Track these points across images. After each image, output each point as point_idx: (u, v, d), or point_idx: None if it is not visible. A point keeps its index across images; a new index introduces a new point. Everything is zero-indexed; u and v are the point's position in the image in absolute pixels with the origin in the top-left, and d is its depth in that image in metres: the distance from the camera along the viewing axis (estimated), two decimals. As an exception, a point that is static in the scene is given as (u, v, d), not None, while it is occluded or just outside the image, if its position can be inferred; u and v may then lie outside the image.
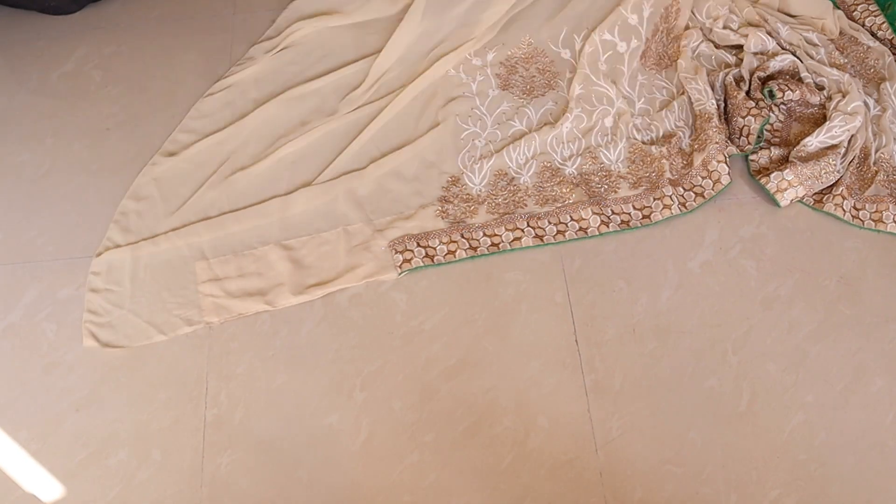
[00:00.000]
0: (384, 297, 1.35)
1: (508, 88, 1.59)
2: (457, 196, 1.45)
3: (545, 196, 1.44)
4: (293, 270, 1.36)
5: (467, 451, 1.20)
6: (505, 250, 1.38)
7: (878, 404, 1.22)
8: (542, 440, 1.21)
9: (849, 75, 1.51)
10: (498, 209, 1.43)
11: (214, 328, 1.31)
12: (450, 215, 1.42)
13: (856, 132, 1.46)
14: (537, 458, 1.19)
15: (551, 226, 1.40)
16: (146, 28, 1.69)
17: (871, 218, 1.40)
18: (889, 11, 1.66)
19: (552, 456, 1.19)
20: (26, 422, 1.23)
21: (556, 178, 1.47)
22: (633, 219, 1.41)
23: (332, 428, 1.23)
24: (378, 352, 1.30)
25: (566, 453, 1.20)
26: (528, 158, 1.49)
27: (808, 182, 1.40)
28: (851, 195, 1.41)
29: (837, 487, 1.16)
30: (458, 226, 1.41)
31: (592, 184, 1.46)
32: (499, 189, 1.46)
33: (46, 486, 1.18)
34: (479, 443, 1.21)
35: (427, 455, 1.20)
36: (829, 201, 1.41)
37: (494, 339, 1.30)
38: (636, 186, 1.45)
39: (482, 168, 1.48)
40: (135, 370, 1.28)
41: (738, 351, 1.28)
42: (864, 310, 1.32)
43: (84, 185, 1.47)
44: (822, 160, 1.40)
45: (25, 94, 1.61)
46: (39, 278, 1.37)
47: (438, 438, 1.22)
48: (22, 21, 1.71)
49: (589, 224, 1.40)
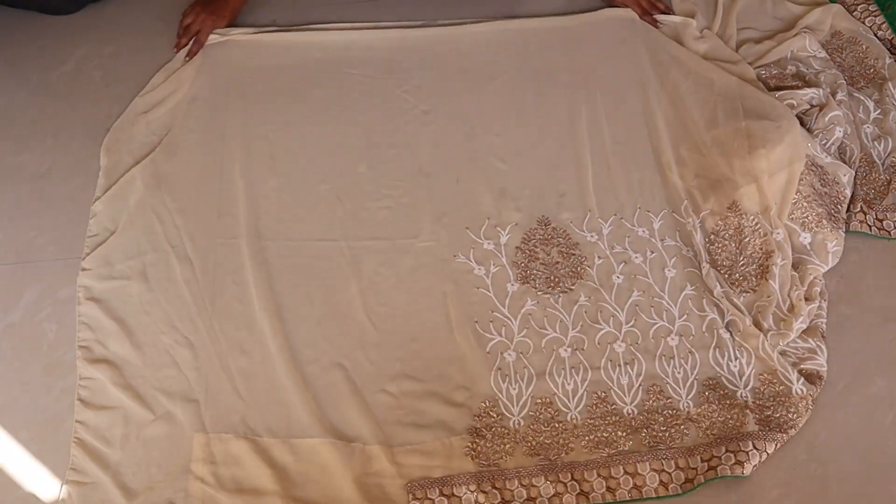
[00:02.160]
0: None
1: (528, 282, 1.32)
2: (491, 429, 1.17)
3: (597, 438, 1.17)
4: (290, 478, 1.14)
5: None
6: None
7: (878, 404, 1.22)
8: (543, 440, 1.20)
9: (824, 88, 1.47)
10: (538, 451, 1.16)
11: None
12: (481, 455, 1.15)
13: (843, 144, 1.43)
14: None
15: (599, 479, 1.13)
16: (146, 28, 1.69)
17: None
18: (889, 11, 1.66)
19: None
20: (26, 422, 1.23)
21: (612, 416, 1.19)
22: (698, 473, 1.14)
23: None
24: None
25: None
26: (578, 385, 1.22)
27: (835, 218, 1.35)
28: (871, 208, 1.39)
29: (837, 487, 1.16)
30: (489, 471, 1.14)
31: (655, 427, 1.19)
32: (541, 424, 1.18)
33: (46, 486, 1.17)
34: (480, 443, 1.21)
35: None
36: (851, 220, 1.37)
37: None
38: (707, 433, 1.18)
39: (521, 394, 1.21)
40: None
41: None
42: (864, 310, 1.31)
43: (84, 185, 1.47)
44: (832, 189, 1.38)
45: (25, 94, 1.61)
46: (39, 278, 1.37)
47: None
48: (22, 21, 1.71)
49: (645, 482, 1.14)
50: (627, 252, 1.34)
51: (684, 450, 1.16)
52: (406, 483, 1.13)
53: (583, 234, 1.36)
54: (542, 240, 1.35)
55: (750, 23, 1.67)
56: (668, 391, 1.22)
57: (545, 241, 1.35)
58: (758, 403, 1.20)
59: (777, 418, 1.17)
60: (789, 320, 1.25)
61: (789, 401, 1.18)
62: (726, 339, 1.26)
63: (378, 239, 1.36)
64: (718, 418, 1.19)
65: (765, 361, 1.23)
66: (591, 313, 1.28)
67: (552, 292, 1.30)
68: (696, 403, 1.20)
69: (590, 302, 1.29)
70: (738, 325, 1.26)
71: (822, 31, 1.63)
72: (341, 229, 1.37)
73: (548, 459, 1.15)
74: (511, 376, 1.22)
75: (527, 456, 1.16)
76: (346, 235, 1.36)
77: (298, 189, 1.42)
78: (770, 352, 1.22)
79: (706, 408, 1.20)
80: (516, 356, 1.24)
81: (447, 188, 1.42)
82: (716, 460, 1.14)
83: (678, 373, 1.23)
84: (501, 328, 1.27)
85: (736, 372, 1.23)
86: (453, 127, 1.49)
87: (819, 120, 1.44)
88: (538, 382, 1.22)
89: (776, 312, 1.27)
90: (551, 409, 1.20)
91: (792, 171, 1.34)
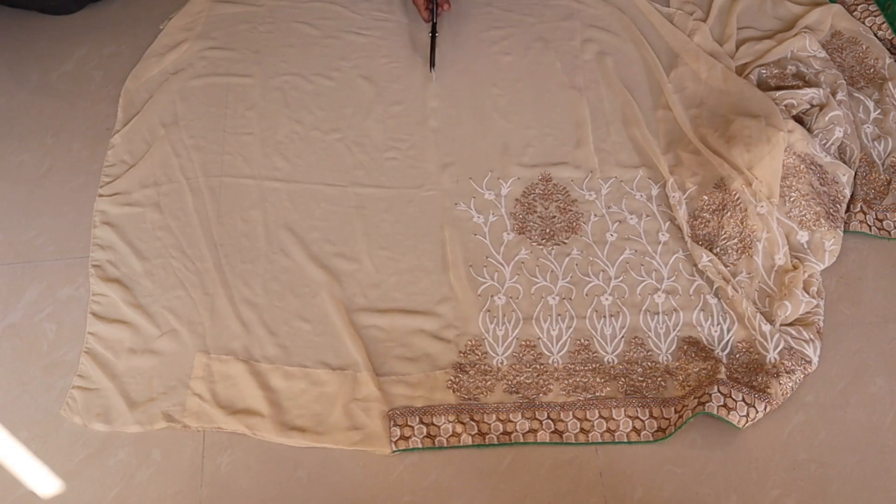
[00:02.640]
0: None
1: (524, 233, 1.37)
2: (475, 366, 1.24)
3: (575, 382, 1.23)
4: (280, 403, 1.21)
5: (467, 450, 1.20)
6: (517, 442, 1.18)
7: (878, 404, 1.22)
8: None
9: (824, 88, 1.47)
10: (518, 389, 1.22)
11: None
12: (462, 388, 1.22)
13: (843, 144, 1.43)
14: (537, 457, 1.19)
15: (574, 420, 1.19)
16: (146, 28, 1.69)
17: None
18: (889, 11, 1.66)
19: (552, 455, 1.19)
20: (26, 422, 1.23)
21: (593, 363, 1.24)
22: (671, 423, 1.18)
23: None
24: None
25: (566, 453, 1.19)
26: (563, 331, 1.28)
27: (833, 217, 1.35)
28: (871, 208, 1.39)
29: (837, 487, 1.16)
30: (469, 404, 1.21)
31: (633, 377, 1.23)
32: (523, 364, 1.24)
33: (47, 486, 1.18)
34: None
35: (427, 455, 1.20)
36: (851, 220, 1.37)
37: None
38: (684, 385, 1.22)
39: (507, 335, 1.27)
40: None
41: (738, 351, 1.28)
42: (864, 310, 1.31)
43: (84, 185, 1.47)
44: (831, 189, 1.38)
45: (25, 94, 1.61)
46: (39, 278, 1.37)
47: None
48: (22, 21, 1.71)
49: (619, 427, 1.18)
50: (623, 213, 1.39)
51: (660, 400, 1.20)
52: (388, 410, 1.20)
53: (582, 192, 1.42)
54: (541, 194, 1.41)
55: (750, 23, 1.68)
56: (650, 344, 1.26)
57: (545, 195, 1.41)
58: (732, 367, 1.23)
59: (747, 382, 1.20)
60: (777, 297, 1.27)
61: (762, 369, 1.20)
62: (712, 305, 1.29)
63: (384, 187, 1.44)
64: (694, 370, 1.22)
65: (747, 330, 1.25)
66: (582, 266, 1.34)
67: (546, 244, 1.36)
68: (675, 357, 1.25)
69: (582, 256, 1.35)
70: (726, 292, 1.28)
71: (821, 31, 1.63)
72: (350, 176, 1.45)
73: (526, 398, 1.21)
74: (499, 318, 1.29)
75: (506, 393, 1.22)
76: (353, 182, 1.44)
77: (310, 136, 1.50)
78: (753, 320, 1.24)
79: (683, 361, 1.24)
80: (506, 300, 1.30)
81: (452, 142, 1.49)
82: (706, 397, 1.15)
83: (661, 328, 1.27)
84: (494, 273, 1.33)
85: (716, 337, 1.26)
86: (459, 85, 1.57)
87: (819, 119, 1.44)
88: (524, 326, 1.28)
89: (762, 288, 1.29)
90: (534, 352, 1.26)
91: (773, 154, 1.34)
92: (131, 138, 1.50)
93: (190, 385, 1.23)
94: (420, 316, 1.29)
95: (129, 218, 1.40)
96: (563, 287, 1.32)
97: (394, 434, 1.18)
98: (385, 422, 1.19)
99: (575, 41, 1.64)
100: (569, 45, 1.63)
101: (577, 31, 1.65)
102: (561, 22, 1.67)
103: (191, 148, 1.48)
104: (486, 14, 1.68)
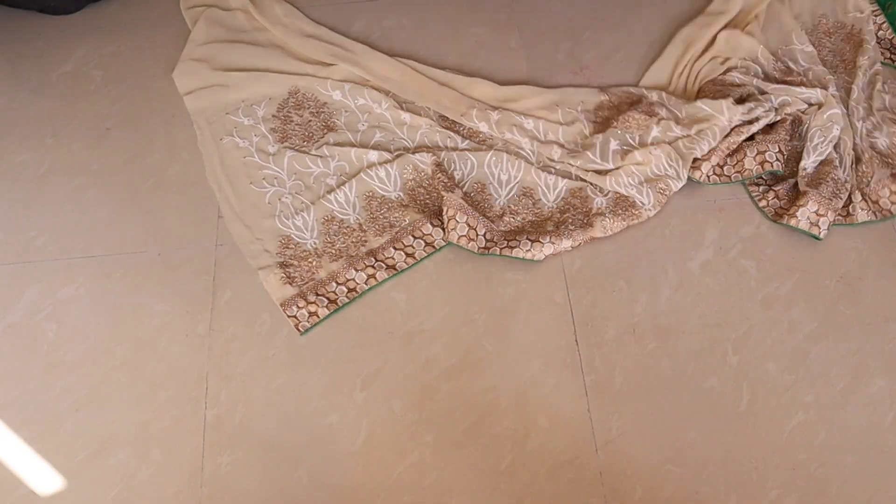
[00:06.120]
0: (384, 297, 1.35)
1: (286, 141, 1.53)
2: (294, 257, 1.39)
3: (380, 226, 1.42)
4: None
5: (467, 451, 1.20)
6: (363, 292, 1.35)
7: (878, 404, 1.22)
8: (543, 440, 1.21)
9: (820, 89, 1.49)
10: (340, 255, 1.39)
11: (214, 330, 1.31)
12: (296, 279, 1.37)
13: (838, 140, 1.45)
14: (537, 458, 1.19)
15: (398, 251, 1.38)
16: (146, 28, 1.69)
17: (891, 202, 1.40)
18: (889, 11, 1.66)
19: (552, 456, 1.19)
20: (27, 421, 1.23)
21: (385, 204, 1.44)
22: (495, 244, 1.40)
23: (332, 428, 1.23)
24: (378, 352, 1.30)
25: (566, 453, 1.20)
26: (350, 196, 1.45)
27: (831, 203, 1.36)
28: (865, 194, 1.41)
29: (837, 487, 1.16)
30: (308, 285, 1.35)
31: (418, 198, 1.44)
32: (332, 235, 1.41)
33: (47, 486, 1.18)
34: (480, 443, 1.21)
35: (427, 455, 1.20)
36: (855, 212, 1.39)
37: (494, 339, 1.30)
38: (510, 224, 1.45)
39: (307, 221, 1.43)
40: (135, 370, 1.28)
41: (738, 351, 1.28)
42: (864, 310, 1.32)
43: (84, 185, 1.47)
44: (829, 177, 1.39)
45: (25, 94, 1.61)
46: (39, 278, 1.37)
47: (438, 438, 1.22)
48: (22, 21, 1.71)
49: (433, 237, 1.39)
50: (368, 104, 1.57)
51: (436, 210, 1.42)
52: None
53: (328, 94, 1.59)
54: (294, 106, 1.58)
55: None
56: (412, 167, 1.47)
57: (297, 106, 1.58)
58: (559, 209, 1.43)
59: (568, 222, 1.40)
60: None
61: (586, 205, 1.43)
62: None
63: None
64: (528, 217, 1.43)
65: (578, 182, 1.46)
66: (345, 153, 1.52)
67: (308, 146, 1.53)
68: (510, 202, 1.46)
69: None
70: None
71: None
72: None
73: (349, 256, 1.38)
74: (293, 213, 1.44)
75: (333, 262, 1.38)
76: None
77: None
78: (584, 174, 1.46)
79: (522, 205, 1.45)
80: (292, 197, 1.46)
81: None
82: (514, 242, 1.37)
83: (497, 178, 1.48)
84: (274, 180, 1.49)
85: (551, 185, 1.47)
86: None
87: (818, 117, 1.44)
88: (316, 208, 1.44)
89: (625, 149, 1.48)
90: (335, 223, 1.43)
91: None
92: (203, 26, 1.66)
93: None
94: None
95: (210, 51, 1.64)
96: (337, 166, 1.49)
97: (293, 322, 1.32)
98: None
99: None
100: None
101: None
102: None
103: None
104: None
